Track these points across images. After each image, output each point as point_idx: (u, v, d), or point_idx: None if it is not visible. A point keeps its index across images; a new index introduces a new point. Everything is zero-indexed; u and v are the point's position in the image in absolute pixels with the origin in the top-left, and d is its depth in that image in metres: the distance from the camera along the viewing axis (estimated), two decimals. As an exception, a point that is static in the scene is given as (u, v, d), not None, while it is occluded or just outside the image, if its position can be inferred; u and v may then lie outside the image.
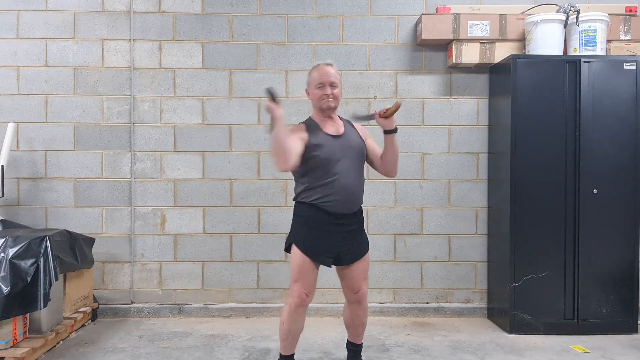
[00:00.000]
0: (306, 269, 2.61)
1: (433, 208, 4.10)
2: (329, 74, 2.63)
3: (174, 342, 3.48)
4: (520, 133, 3.62)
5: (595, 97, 3.61)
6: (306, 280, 2.62)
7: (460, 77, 4.09)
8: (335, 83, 2.65)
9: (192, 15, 4.04)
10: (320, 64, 2.68)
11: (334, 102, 2.65)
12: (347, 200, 2.62)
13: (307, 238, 2.63)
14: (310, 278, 2.63)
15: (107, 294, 4.05)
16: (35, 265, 3.00)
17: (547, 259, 3.61)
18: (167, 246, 4.06)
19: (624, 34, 3.85)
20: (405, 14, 4.08)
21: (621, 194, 3.63)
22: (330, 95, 2.63)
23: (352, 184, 2.64)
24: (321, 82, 2.63)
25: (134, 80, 4.03)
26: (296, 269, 2.63)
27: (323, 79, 2.63)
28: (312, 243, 2.62)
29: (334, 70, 2.66)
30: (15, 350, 2.91)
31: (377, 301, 4.07)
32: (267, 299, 4.07)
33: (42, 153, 4.02)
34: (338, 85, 2.66)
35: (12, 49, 4.00)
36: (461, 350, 3.33)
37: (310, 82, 2.70)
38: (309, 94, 2.72)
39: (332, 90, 2.63)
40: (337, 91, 2.66)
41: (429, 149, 4.09)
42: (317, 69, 2.67)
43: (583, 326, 3.61)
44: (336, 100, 2.66)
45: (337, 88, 2.66)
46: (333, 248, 2.63)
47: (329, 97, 2.63)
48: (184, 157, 4.05)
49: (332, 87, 2.63)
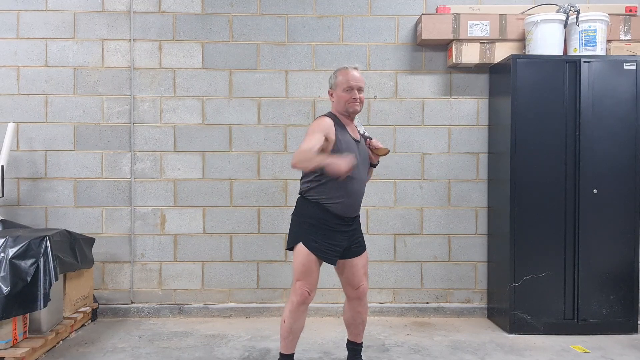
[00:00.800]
0: (311, 267, 2.64)
1: (433, 208, 4.10)
2: (357, 78, 2.68)
3: (174, 342, 3.48)
4: (520, 133, 3.62)
5: (595, 97, 3.61)
6: (310, 278, 2.65)
7: (460, 77, 4.09)
8: (362, 88, 2.70)
9: (192, 15, 4.04)
10: (348, 67, 2.71)
11: (359, 107, 2.70)
12: (353, 204, 2.69)
13: (318, 238, 2.63)
14: (313, 276, 2.67)
15: (107, 294, 4.05)
16: (35, 265, 3.00)
17: (547, 259, 3.61)
18: (167, 246, 4.06)
19: (624, 34, 3.85)
20: (405, 14, 4.08)
21: (621, 194, 3.63)
22: (358, 100, 2.67)
23: (360, 189, 2.72)
24: (349, 85, 2.66)
25: (134, 80, 4.03)
26: (300, 267, 2.65)
27: (351, 83, 2.66)
28: (323, 243, 2.63)
29: (360, 75, 2.70)
30: (15, 350, 2.91)
31: (377, 301, 4.07)
32: (267, 299, 4.07)
33: (42, 153, 4.02)
34: (364, 89, 2.72)
35: (12, 49, 4.00)
36: (461, 350, 3.33)
37: (336, 84, 2.71)
38: (333, 96, 2.74)
39: (360, 95, 2.67)
40: (363, 95, 2.72)
41: (429, 149, 4.09)
42: (343, 72, 2.69)
43: (583, 326, 3.61)
44: (362, 105, 2.72)
45: (363, 92, 2.71)
46: (340, 248, 2.69)
47: (356, 101, 2.66)
48: (184, 157, 4.05)
49: (359, 92, 2.67)
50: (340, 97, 2.68)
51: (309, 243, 2.63)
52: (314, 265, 2.64)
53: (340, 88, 2.68)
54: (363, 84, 2.70)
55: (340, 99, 2.68)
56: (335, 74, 2.73)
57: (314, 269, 2.65)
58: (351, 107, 2.67)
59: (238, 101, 4.06)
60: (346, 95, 2.66)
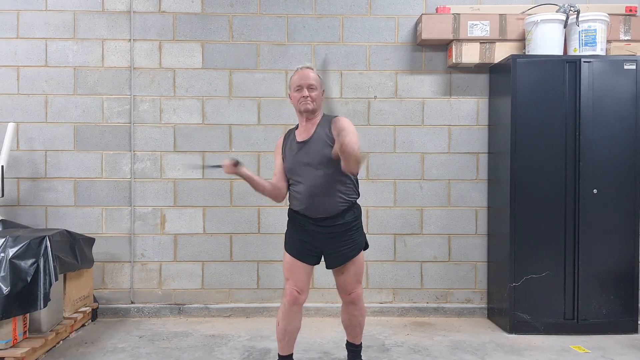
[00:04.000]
0: (295, 267, 2.67)
1: (433, 208, 4.10)
2: (307, 76, 2.64)
3: (174, 342, 3.48)
4: (520, 133, 3.62)
5: (595, 97, 3.61)
6: (296, 277, 2.66)
7: (460, 77, 4.08)
8: (313, 85, 2.64)
9: (192, 15, 4.04)
10: (300, 67, 2.70)
11: (311, 105, 2.64)
12: (313, 205, 2.61)
13: (291, 238, 2.72)
14: (300, 276, 2.66)
15: (107, 294, 4.05)
16: (35, 265, 3.00)
17: (547, 259, 3.61)
18: (167, 246, 4.06)
19: (624, 34, 3.85)
20: (405, 14, 4.08)
21: (621, 194, 3.63)
22: (308, 98, 2.63)
23: (316, 190, 2.60)
24: (299, 84, 2.64)
25: (134, 80, 4.03)
26: (286, 267, 2.70)
27: (301, 82, 2.64)
28: (294, 242, 2.70)
29: (314, 73, 2.67)
30: (15, 350, 2.91)
31: (377, 301, 4.07)
32: (267, 299, 4.07)
33: (42, 153, 4.02)
34: (317, 87, 2.66)
35: (12, 49, 4.00)
36: (461, 350, 3.33)
37: (290, 85, 2.72)
38: (290, 98, 2.75)
39: (310, 93, 2.63)
40: (315, 94, 2.65)
41: (429, 149, 4.09)
42: (296, 72, 2.69)
43: (583, 326, 3.61)
44: (314, 103, 2.65)
45: (316, 91, 2.65)
46: (315, 248, 2.66)
47: (306, 99, 2.63)
48: (184, 157, 4.05)
49: (309, 90, 2.63)
50: (293, 97, 2.69)
51: (286, 243, 2.73)
52: (298, 265, 2.66)
53: (292, 88, 2.69)
54: (315, 82, 2.64)
55: (293, 99, 2.70)
56: (291, 76, 2.73)
57: (299, 268, 2.66)
58: (302, 105, 2.64)
59: (238, 101, 4.06)
60: (297, 94, 2.66)
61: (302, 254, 2.67)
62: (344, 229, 2.66)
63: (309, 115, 2.68)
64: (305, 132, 2.69)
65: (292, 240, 2.70)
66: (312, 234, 2.65)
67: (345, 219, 2.66)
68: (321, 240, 2.65)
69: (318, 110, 2.70)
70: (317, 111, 2.69)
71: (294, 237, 2.69)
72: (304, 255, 2.67)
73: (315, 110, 2.68)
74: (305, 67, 2.70)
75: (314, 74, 2.67)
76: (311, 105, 2.64)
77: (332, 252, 2.67)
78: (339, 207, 2.63)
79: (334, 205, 2.62)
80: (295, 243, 2.68)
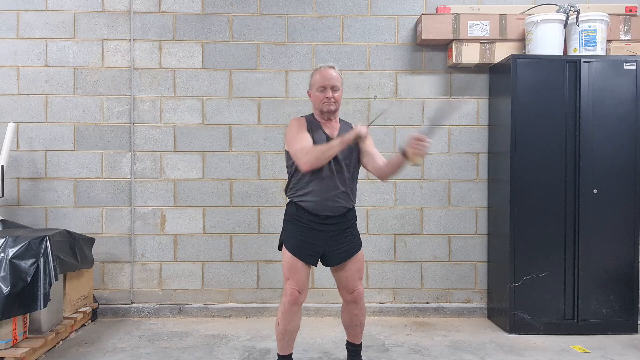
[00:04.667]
0: (296, 266, 2.64)
1: (433, 208, 4.10)
2: (331, 77, 2.64)
3: (174, 342, 3.48)
4: (520, 133, 3.62)
5: (595, 97, 3.61)
6: (297, 277, 2.64)
7: (460, 77, 4.09)
8: (337, 86, 2.66)
9: (192, 15, 4.04)
10: (322, 66, 2.69)
11: (334, 106, 2.66)
12: (325, 204, 2.62)
13: (293, 236, 2.68)
14: (300, 275, 2.65)
15: (107, 294, 4.05)
16: (35, 265, 3.00)
17: (547, 259, 3.61)
18: (167, 246, 4.06)
19: (624, 34, 3.85)
20: (405, 14, 4.08)
21: (621, 194, 3.63)
22: (332, 99, 2.64)
23: (332, 189, 2.62)
24: (323, 85, 2.64)
25: (134, 80, 4.03)
26: (287, 266, 2.67)
27: (325, 82, 2.64)
28: (297, 241, 2.66)
29: (336, 73, 2.67)
30: (15, 350, 2.91)
31: (377, 301, 4.07)
32: (267, 299, 4.07)
33: (42, 153, 4.02)
34: (340, 88, 2.67)
35: (12, 49, 4.00)
36: (461, 350, 3.33)
37: (312, 84, 2.71)
38: (311, 96, 2.73)
39: (334, 94, 2.64)
40: (339, 94, 2.67)
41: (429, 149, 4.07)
42: (319, 72, 2.68)
43: (583, 326, 3.61)
44: (337, 104, 2.68)
45: (339, 91, 2.67)
46: (318, 247, 2.66)
47: (330, 100, 2.64)
48: (184, 157, 4.05)
49: (333, 91, 2.64)
50: (315, 97, 2.68)
51: (287, 242, 2.69)
52: (299, 264, 2.64)
53: (314, 88, 2.68)
54: (338, 83, 2.66)
55: (315, 98, 2.69)
56: (312, 74, 2.73)
57: (299, 267, 2.64)
58: (325, 106, 2.65)
59: (238, 101, 4.06)
60: (320, 95, 2.65)
61: (303, 254, 2.66)
62: (345, 227, 2.70)
63: (331, 115, 2.70)
64: (329, 130, 2.71)
65: (294, 240, 2.67)
66: (315, 232, 2.64)
67: (347, 217, 2.71)
68: (324, 239, 2.66)
69: (338, 111, 2.74)
70: (338, 111, 2.74)
71: (296, 237, 2.67)
72: (305, 255, 2.66)
73: (337, 111, 2.72)
74: (328, 66, 2.69)
75: (337, 73, 2.67)
76: (334, 106, 2.67)
77: (334, 249, 2.67)
78: (347, 206, 2.68)
79: (344, 205, 2.67)
80: (296, 242, 2.67)
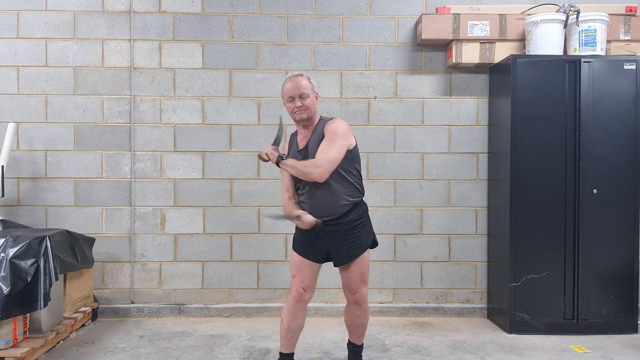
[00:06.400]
0: (302, 264, 2.72)
1: (433, 208, 4.10)
2: (298, 85, 2.65)
3: (174, 342, 3.48)
4: (520, 133, 3.62)
5: (595, 97, 3.61)
6: (302, 275, 2.71)
7: (460, 77, 4.08)
8: (305, 94, 2.65)
9: (192, 15, 4.04)
10: (290, 76, 2.71)
11: (305, 113, 2.67)
12: (318, 209, 2.66)
13: (298, 236, 2.78)
14: (306, 273, 2.71)
15: (107, 294, 4.05)
16: (35, 265, 3.00)
17: (547, 259, 3.61)
18: (167, 246, 4.06)
19: (624, 34, 3.85)
20: (405, 14, 4.08)
21: (621, 194, 3.63)
22: (301, 107, 2.65)
23: (320, 194, 2.65)
24: (291, 95, 2.66)
25: (134, 80, 4.03)
26: (293, 264, 2.77)
27: (292, 92, 2.65)
28: (301, 240, 2.75)
29: (305, 81, 2.67)
30: (15, 350, 2.91)
31: (377, 301, 4.07)
32: (267, 299, 4.07)
33: (42, 153, 4.02)
34: (309, 94, 2.66)
35: (12, 49, 4.00)
36: (461, 350, 3.33)
37: (282, 95, 2.74)
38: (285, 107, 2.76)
39: (303, 102, 2.64)
40: (308, 101, 2.66)
41: (429, 149, 4.09)
42: (286, 82, 2.70)
43: (583, 326, 3.61)
44: (308, 110, 2.67)
45: (308, 98, 2.66)
46: (321, 247, 2.71)
47: (300, 109, 2.65)
48: (184, 157, 4.05)
49: (302, 99, 2.64)
50: (287, 107, 2.72)
51: (294, 241, 2.80)
52: (304, 263, 2.72)
53: (285, 99, 2.72)
54: (306, 90, 2.65)
55: (287, 109, 2.72)
56: (283, 85, 2.74)
57: (305, 265, 2.71)
58: (297, 115, 2.67)
59: (238, 101, 4.06)
60: (290, 105, 2.68)
61: (307, 252, 2.72)
62: (348, 227, 2.69)
63: (304, 123, 2.71)
64: (304, 139, 2.74)
65: (299, 238, 2.76)
66: (318, 233, 2.68)
67: (350, 217, 2.69)
68: (326, 239, 2.69)
69: (314, 116, 2.72)
70: (313, 117, 2.72)
71: (301, 236, 2.75)
72: (309, 253, 2.72)
73: (311, 117, 2.70)
74: (295, 75, 2.70)
75: (305, 81, 2.68)
76: (305, 113, 2.67)
77: (338, 250, 2.70)
78: (343, 209, 2.67)
79: (338, 207, 2.67)
80: (301, 241, 2.75)
